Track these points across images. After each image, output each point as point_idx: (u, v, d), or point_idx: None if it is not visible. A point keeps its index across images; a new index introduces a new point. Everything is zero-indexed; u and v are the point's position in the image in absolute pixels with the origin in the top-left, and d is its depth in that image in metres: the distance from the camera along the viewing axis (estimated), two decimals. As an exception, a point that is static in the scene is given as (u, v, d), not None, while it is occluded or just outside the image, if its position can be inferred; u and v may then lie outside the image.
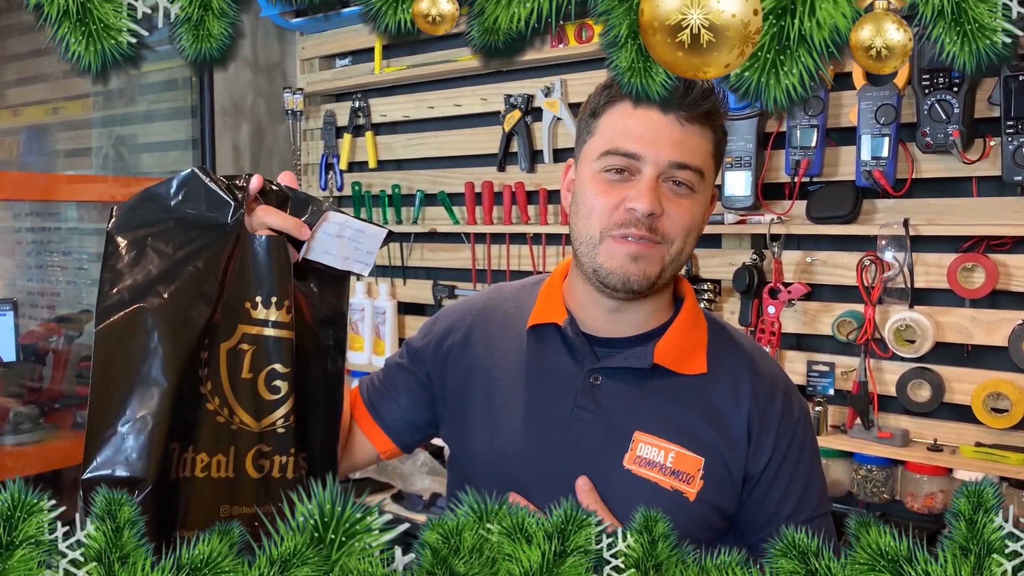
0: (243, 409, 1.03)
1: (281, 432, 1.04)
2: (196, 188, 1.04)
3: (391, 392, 1.34)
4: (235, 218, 1.03)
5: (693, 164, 1.12)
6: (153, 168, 2.87)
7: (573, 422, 1.17)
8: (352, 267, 1.11)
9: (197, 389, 1.01)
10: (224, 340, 1.03)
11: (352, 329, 3.06)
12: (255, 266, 1.04)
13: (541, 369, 1.22)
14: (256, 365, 1.03)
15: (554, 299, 1.25)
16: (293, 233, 1.06)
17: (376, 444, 1.34)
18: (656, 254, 1.13)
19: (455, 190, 2.91)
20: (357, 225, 1.11)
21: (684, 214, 1.13)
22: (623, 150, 1.12)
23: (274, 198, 1.09)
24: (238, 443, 1.02)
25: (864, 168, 2.10)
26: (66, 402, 2.53)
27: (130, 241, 1.02)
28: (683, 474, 1.14)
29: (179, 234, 1.02)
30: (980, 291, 2.03)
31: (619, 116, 1.14)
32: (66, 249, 2.89)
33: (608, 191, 1.13)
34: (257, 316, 1.04)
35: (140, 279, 1.00)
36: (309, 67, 3.31)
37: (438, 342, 1.32)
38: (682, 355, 1.19)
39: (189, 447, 1.00)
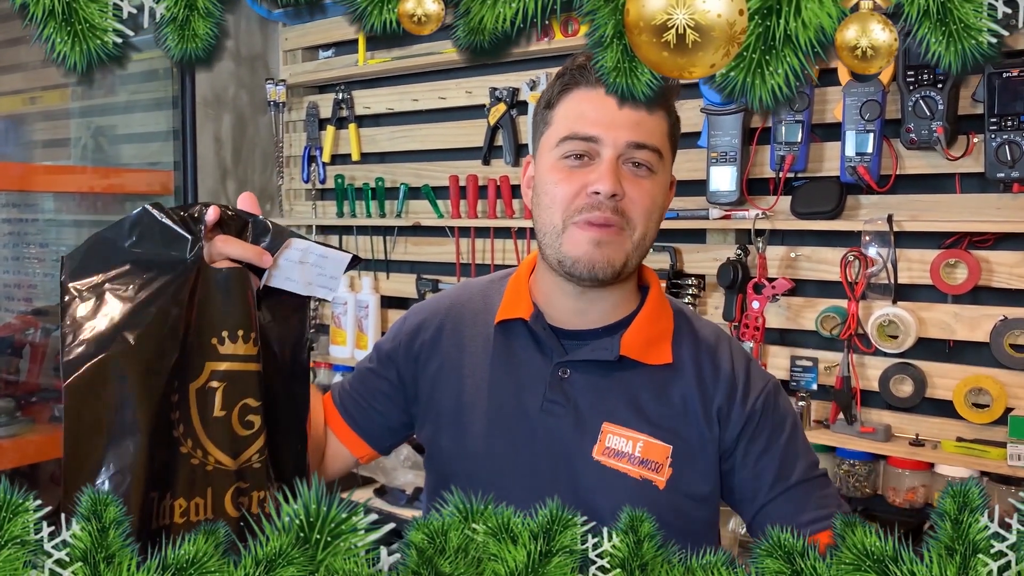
0: (218, 448, 1.00)
1: (257, 467, 1.01)
2: (150, 226, 1.01)
3: (364, 396, 1.34)
4: (194, 253, 1.00)
5: (651, 144, 1.13)
6: (133, 159, 2.84)
7: (543, 416, 1.19)
8: (315, 292, 1.08)
9: (170, 433, 0.98)
10: (192, 380, 1.00)
11: (335, 323, 3.05)
12: (219, 301, 1.01)
13: (509, 365, 1.23)
14: (228, 402, 1.01)
15: (521, 293, 1.25)
16: (255, 261, 1.04)
17: (353, 449, 1.34)
18: (620, 240, 1.14)
19: (439, 183, 2.89)
20: (320, 251, 1.08)
21: (645, 196, 1.14)
22: (581, 134, 1.13)
23: (233, 225, 1.06)
24: (215, 484, 1.00)
25: (848, 164, 2.11)
26: (43, 396, 2.50)
27: (86, 289, 0.99)
28: (652, 463, 1.15)
29: (137, 276, 0.99)
30: (962, 287, 2.04)
31: (574, 103, 1.15)
32: (43, 241, 2.85)
33: (568, 178, 1.14)
34: (224, 352, 1.01)
35: (103, 327, 0.96)
36: (292, 58, 3.29)
37: (408, 342, 1.32)
38: (647, 346, 1.20)
39: (167, 494, 0.97)
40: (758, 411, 1.19)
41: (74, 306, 0.98)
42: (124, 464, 0.92)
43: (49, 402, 2.48)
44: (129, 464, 0.92)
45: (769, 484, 1.17)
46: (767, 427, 1.19)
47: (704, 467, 1.17)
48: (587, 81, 1.14)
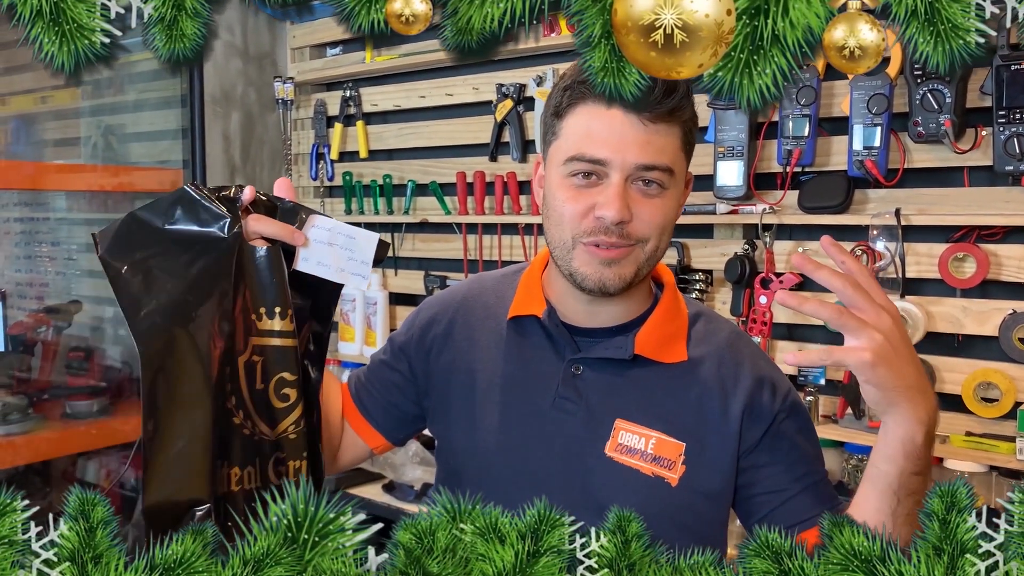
0: (260, 419, 1.04)
1: (293, 438, 1.05)
2: (191, 204, 1.03)
3: (378, 388, 1.35)
4: (235, 232, 1.03)
5: (661, 164, 1.10)
6: (143, 158, 2.85)
7: (554, 412, 1.18)
8: (349, 280, 1.10)
9: (225, 405, 1.02)
10: (240, 353, 1.04)
11: (343, 320, 3.06)
12: (258, 278, 1.05)
13: (522, 361, 1.23)
14: (266, 375, 1.05)
15: (534, 290, 1.25)
16: (287, 240, 1.06)
17: (368, 440, 1.35)
18: (631, 256, 1.13)
19: (447, 180, 2.90)
20: (347, 230, 1.10)
21: (656, 214, 1.12)
22: (588, 156, 1.10)
23: (262, 208, 1.09)
24: (261, 454, 1.04)
25: (856, 158, 2.10)
26: (55, 392, 2.53)
27: (130, 265, 1.01)
28: (664, 460, 1.14)
29: (181, 253, 1.02)
30: (971, 281, 2.03)
31: (582, 119, 1.11)
32: (55, 239, 2.87)
33: (576, 197, 1.12)
34: (263, 327, 1.05)
35: (164, 301, 1.00)
36: (300, 56, 3.29)
37: (420, 335, 1.32)
38: (662, 344, 1.19)
39: (224, 463, 1.01)
40: (786, 409, 1.18)
41: (124, 281, 1.00)
42: (196, 433, 0.96)
43: (61, 399, 2.50)
44: (201, 433, 0.96)
45: (797, 477, 1.16)
46: (795, 424, 1.19)
47: (720, 466, 1.16)
48: (595, 96, 1.10)
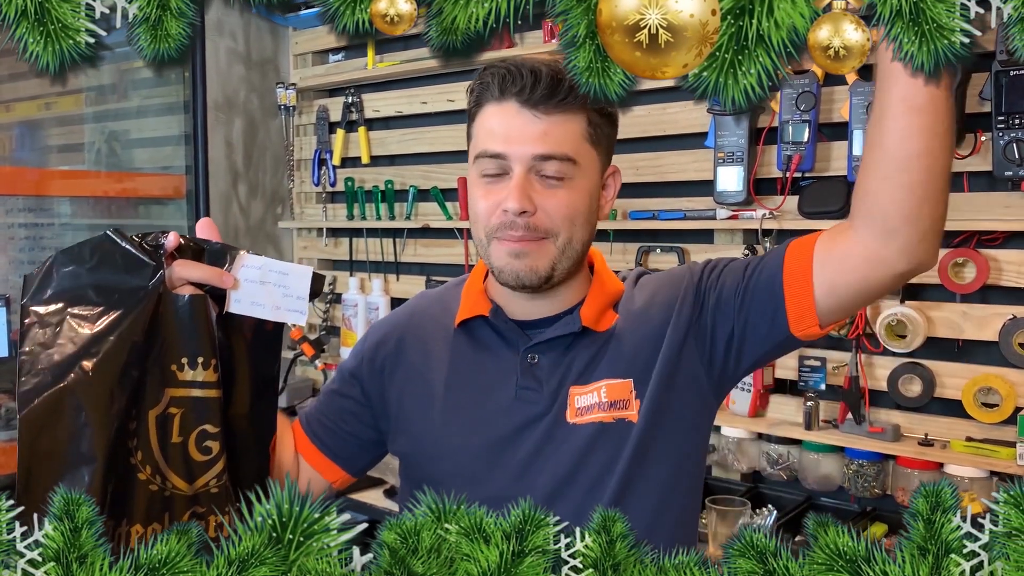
0: (175, 474, 1.00)
1: (215, 492, 1.01)
2: (111, 252, 1.01)
3: (331, 419, 1.33)
4: (155, 280, 1.00)
5: (559, 153, 1.12)
6: (146, 163, 2.87)
7: (518, 403, 1.21)
8: (286, 317, 1.07)
9: (127, 461, 0.98)
10: (152, 406, 1.00)
11: (345, 325, 3.06)
12: (179, 327, 1.01)
13: (478, 362, 1.25)
14: (186, 427, 1.01)
15: (477, 295, 1.27)
16: (215, 283, 1.04)
17: (327, 475, 1.33)
18: (541, 249, 1.15)
19: (448, 185, 2.90)
20: (279, 267, 1.07)
21: (560, 205, 1.14)
22: (490, 151, 1.14)
23: (188, 252, 1.06)
24: (172, 509, 1.00)
25: (856, 163, 2.10)
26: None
27: (46, 314, 0.99)
28: (619, 402, 1.18)
29: (98, 302, 0.99)
30: (971, 286, 2.03)
31: (485, 118, 1.16)
32: (59, 245, 2.88)
33: (487, 194, 1.16)
34: (184, 378, 1.01)
35: (59, 356, 0.96)
36: (302, 62, 3.31)
37: (371, 357, 1.32)
38: (599, 315, 1.23)
39: (123, 521, 0.97)
40: (696, 274, 1.22)
41: (33, 332, 0.98)
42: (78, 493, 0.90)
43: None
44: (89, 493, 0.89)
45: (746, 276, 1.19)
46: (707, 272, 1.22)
47: (669, 374, 1.19)
48: (492, 95, 1.15)
